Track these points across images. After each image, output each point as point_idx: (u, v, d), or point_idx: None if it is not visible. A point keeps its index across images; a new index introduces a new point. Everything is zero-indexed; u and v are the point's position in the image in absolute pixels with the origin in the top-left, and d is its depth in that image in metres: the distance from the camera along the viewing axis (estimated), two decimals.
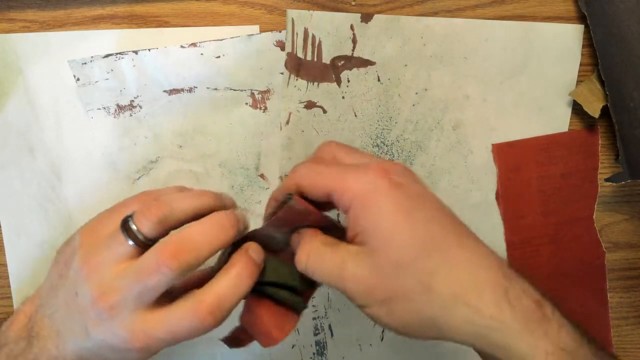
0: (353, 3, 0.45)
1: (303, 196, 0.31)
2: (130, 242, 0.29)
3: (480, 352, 0.29)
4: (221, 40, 0.44)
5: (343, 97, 0.46)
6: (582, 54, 0.47)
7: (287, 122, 0.46)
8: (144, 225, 0.29)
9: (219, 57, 0.44)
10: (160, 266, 0.28)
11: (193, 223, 0.30)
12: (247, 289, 0.30)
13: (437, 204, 0.30)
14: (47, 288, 0.32)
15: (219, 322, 0.30)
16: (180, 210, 0.30)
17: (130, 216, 0.30)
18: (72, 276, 0.30)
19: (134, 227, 0.29)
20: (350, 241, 0.30)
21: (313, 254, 0.31)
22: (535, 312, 0.27)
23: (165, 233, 0.30)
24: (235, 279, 0.30)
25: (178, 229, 0.30)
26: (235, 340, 0.36)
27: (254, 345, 0.49)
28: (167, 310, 0.29)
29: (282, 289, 0.33)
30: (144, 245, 0.29)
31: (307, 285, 0.33)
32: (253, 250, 0.32)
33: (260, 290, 0.33)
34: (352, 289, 0.29)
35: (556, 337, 0.27)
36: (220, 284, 0.30)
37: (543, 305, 0.28)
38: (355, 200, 0.28)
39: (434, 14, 0.45)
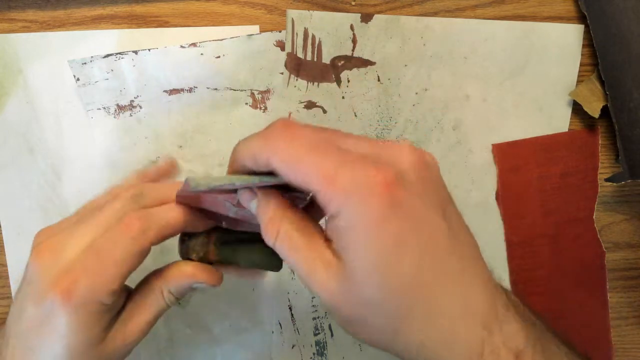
0: (353, 3, 0.45)
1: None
2: None
3: None
4: (221, 40, 0.44)
5: (343, 97, 0.46)
6: (582, 54, 0.47)
7: None
8: None
9: (219, 57, 0.44)
10: None
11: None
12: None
13: (437, 232, 0.24)
14: (13, 306, 0.32)
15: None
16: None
17: None
18: (28, 271, 0.30)
19: None
20: (326, 238, 0.26)
21: (282, 236, 0.26)
22: None
23: None
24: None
25: None
26: None
27: (254, 346, 0.49)
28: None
29: (255, 253, 0.31)
30: None
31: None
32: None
33: (231, 257, 0.32)
34: (317, 293, 0.25)
35: None
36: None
37: (523, 358, 0.25)
38: (341, 211, 0.23)
39: (434, 14, 0.45)
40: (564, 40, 0.46)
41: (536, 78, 0.47)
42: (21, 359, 0.28)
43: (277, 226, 0.26)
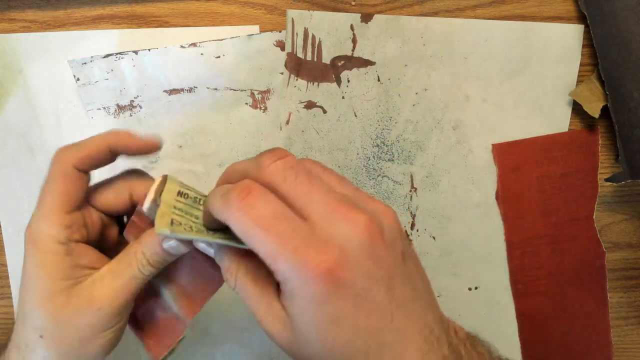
0: (353, 3, 0.45)
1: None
2: None
3: None
4: (221, 40, 0.44)
5: (343, 97, 0.46)
6: (582, 54, 0.47)
7: (287, 122, 0.46)
8: None
9: (219, 57, 0.44)
10: None
11: None
12: None
13: (375, 309, 0.25)
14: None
15: None
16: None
17: None
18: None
19: None
20: (278, 288, 0.27)
21: (238, 284, 0.28)
22: None
23: None
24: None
25: None
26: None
27: (254, 346, 0.49)
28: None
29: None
30: None
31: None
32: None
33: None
34: (270, 337, 0.27)
35: None
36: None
37: None
38: (286, 282, 0.24)
39: (434, 14, 0.45)
40: (564, 40, 0.46)
41: (536, 78, 0.47)
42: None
43: (234, 275, 0.28)
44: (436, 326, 0.27)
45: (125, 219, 0.33)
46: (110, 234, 0.33)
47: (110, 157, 0.30)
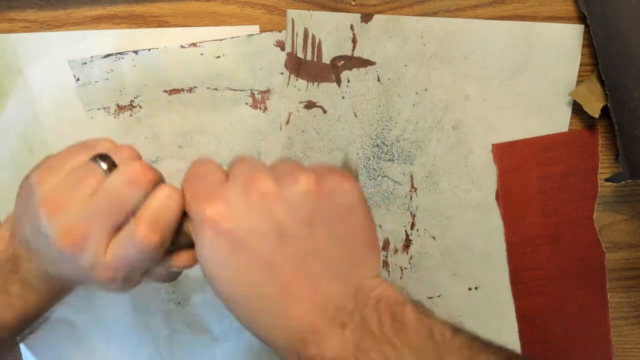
0: (353, 3, 0.45)
1: None
2: (106, 172, 0.31)
3: None
4: (221, 40, 0.44)
5: (343, 97, 0.46)
6: (582, 54, 0.46)
7: (287, 122, 0.46)
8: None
9: (218, 57, 0.44)
10: (134, 176, 0.30)
11: None
12: (179, 207, 0.31)
13: (254, 254, 0.28)
14: (17, 218, 0.33)
15: (163, 238, 0.30)
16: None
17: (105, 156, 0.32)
18: (33, 212, 0.30)
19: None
20: None
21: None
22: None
23: None
24: (165, 196, 0.30)
25: None
26: None
27: (254, 345, 0.49)
28: (115, 239, 0.30)
29: None
30: None
31: None
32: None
33: None
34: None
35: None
36: (152, 202, 0.30)
37: None
38: (194, 225, 0.30)
39: (434, 14, 0.45)
40: (564, 40, 0.46)
41: (536, 78, 0.47)
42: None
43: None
44: (343, 297, 0.28)
45: None
46: None
47: None
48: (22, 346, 0.48)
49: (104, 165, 0.31)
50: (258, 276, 0.28)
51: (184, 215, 0.31)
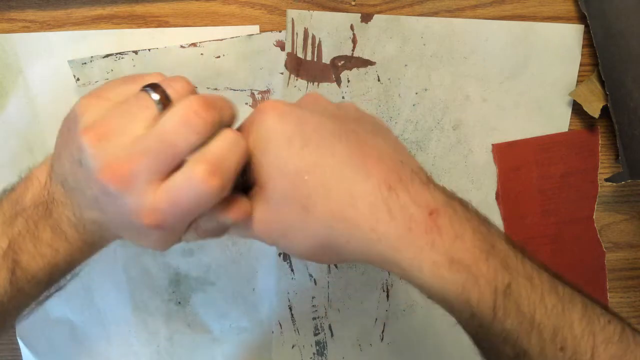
0: (353, 3, 0.45)
1: None
2: (158, 105, 0.27)
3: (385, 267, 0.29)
4: (221, 40, 0.44)
5: (343, 97, 0.46)
6: (582, 54, 0.47)
7: None
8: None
9: (218, 57, 0.44)
10: (189, 118, 0.26)
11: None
12: (243, 151, 0.28)
13: (319, 125, 0.29)
14: (55, 155, 0.30)
15: (223, 183, 0.27)
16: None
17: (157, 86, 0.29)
18: (74, 143, 0.27)
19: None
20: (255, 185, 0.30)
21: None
22: (422, 222, 0.27)
23: None
24: (229, 139, 0.28)
25: None
26: None
27: (254, 346, 0.49)
28: (169, 180, 0.27)
29: None
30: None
31: None
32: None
33: None
34: (258, 231, 0.29)
35: (448, 248, 0.26)
36: (216, 144, 0.27)
37: (439, 215, 0.27)
38: (248, 140, 0.29)
39: (434, 14, 0.45)
40: (564, 40, 0.46)
41: (536, 78, 0.47)
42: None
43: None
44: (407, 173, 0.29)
45: None
46: None
47: None
48: (22, 346, 0.48)
49: (155, 97, 0.28)
50: (329, 142, 0.28)
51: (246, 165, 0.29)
